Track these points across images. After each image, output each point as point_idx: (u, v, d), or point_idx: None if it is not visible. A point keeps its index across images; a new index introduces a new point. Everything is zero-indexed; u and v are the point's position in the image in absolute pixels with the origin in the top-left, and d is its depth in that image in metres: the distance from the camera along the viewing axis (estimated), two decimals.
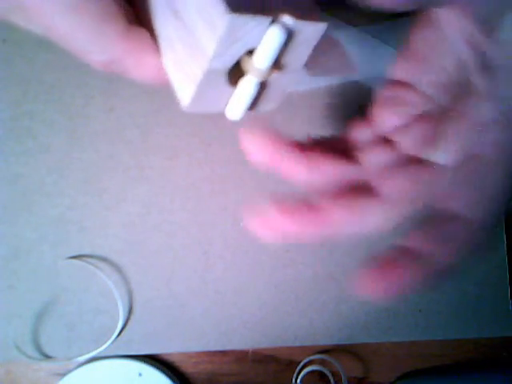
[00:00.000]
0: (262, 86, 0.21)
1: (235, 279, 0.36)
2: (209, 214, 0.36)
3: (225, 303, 0.36)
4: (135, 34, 0.20)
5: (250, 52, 0.19)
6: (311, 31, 0.20)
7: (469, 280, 0.38)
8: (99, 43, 0.20)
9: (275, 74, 0.20)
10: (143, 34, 0.21)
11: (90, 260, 0.35)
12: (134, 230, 0.35)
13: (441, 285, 0.37)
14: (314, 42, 0.20)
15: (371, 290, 0.22)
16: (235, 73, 0.20)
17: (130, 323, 0.35)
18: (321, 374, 0.37)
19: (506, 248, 0.38)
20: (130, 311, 0.35)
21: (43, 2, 0.18)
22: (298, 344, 0.36)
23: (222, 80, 0.20)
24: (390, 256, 0.23)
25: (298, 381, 0.35)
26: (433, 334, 0.37)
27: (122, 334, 0.35)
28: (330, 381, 0.36)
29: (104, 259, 0.35)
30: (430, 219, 0.23)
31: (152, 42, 0.21)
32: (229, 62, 0.19)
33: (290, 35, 0.19)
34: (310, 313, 0.36)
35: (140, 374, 0.34)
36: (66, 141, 0.35)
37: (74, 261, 0.35)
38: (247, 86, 0.20)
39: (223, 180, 0.36)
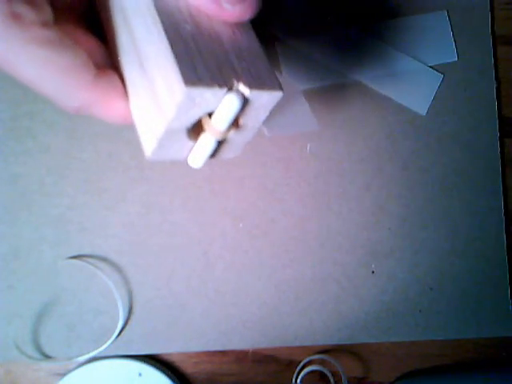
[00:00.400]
0: (222, 141, 0.22)
1: (235, 279, 0.36)
2: (209, 214, 0.36)
3: (225, 303, 0.36)
4: (104, 80, 0.21)
5: (210, 113, 0.20)
6: (267, 99, 0.20)
7: (469, 280, 0.38)
8: (67, 93, 0.20)
9: (233, 132, 0.21)
10: (113, 79, 0.22)
11: (89, 260, 0.35)
12: (133, 230, 0.35)
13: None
14: (271, 107, 0.21)
15: None
16: (196, 127, 0.21)
17: (130, 323, 0.35)
18: (321, 374, 0.37)
19: (505, 248, 0.38)
20: (130, 311, 0.35)
21: (10, 53, 0.19)
22: (297, 344, 0.36)
23: (183, 135, 0.21)
24: None
25: (298, 381, 0.35)
26: (433, 334, 0.37)
27: (122, 333, 0.35)
28: (329, 381, 0.36)
29: (104, 259, 0.35)
30: None
31: (121, 87, 0.22)
32: (188, 122, 0.20)
33: (246, 101, 0.20)
34: (310, 313, 0.36)
35: (140, 374, 0.34)
36: (66, 141, 0.35)
37: (73, 261, 0.35)
38: (207, 143, 0.21)
39: (223, 180, 0.36)
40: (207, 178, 0.36)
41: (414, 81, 0.38)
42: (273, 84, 0.20)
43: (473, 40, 0.39)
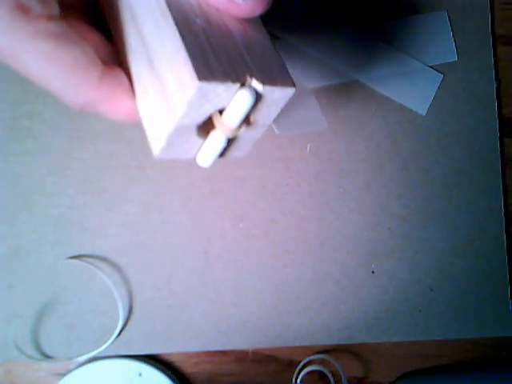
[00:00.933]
0: (232, 138, 0.21)
1: (235, 279, 0.36)
2: (209, 214, 0.36)
3: (225, 303, 0.36)
4: (110, 78, 0.21)
5: (221, 110, 0.20)
6: (279, 95, 0.20)
7: (469, 280, 0.38)
8: (72, 90, 0.20)
9: (244, 129, 0.21)
10: (119, 76, 0.21)
11: (89, 260, 0.35)
12: (133, 230, 0.35)
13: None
14: (283, 104, 0.21)
15: None
16: (206, 124, 0.20)
17: (129, 323, 0.35)
18: (321, 374, 0.37)
19: (505, 248, 0.38)
20: (130, 311, 0.35)
21: (17, 49, 0.18)
22: (297, 344, 0.36)
23: (192, 133, 0.20)
24: None
25: (298, 381, 0.35)
26: (432, 334, 0.37)
27: (122, 333, 0.35)
28: (329, 381, 0.36)
29: (104, 259, 0.35)
30: None
31: (128, 84, 0.21)
32: (198, 119, 0.19)
33: (258, 97, 0.20)
34: (310, 313, 0.36)
35: (140, 374, 0.34)
36: (67, 141, 0.35)
37: (74, 261, 0.35)
38: (217, 141, 0.21)
39: (223, 180, 0.36)
40: (207, 178, 0.36)
41: (414, 81, 0.38)
42: (285, 80, 0.20)
43: (473, 40, 0.39)
